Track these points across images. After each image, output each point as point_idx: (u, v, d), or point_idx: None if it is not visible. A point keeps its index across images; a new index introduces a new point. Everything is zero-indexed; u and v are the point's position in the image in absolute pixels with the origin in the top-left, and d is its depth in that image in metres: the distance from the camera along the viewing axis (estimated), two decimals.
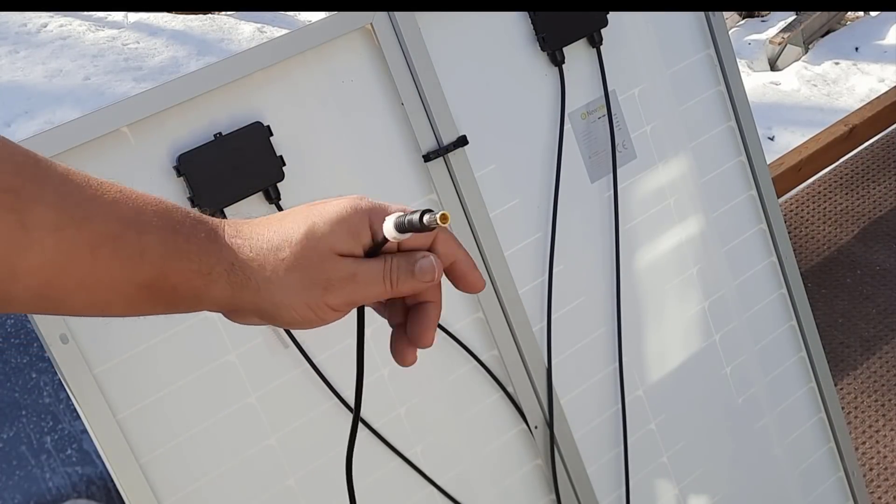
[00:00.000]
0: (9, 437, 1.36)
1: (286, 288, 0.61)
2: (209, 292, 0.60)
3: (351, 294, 0.62)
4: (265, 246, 0.61)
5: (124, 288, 0.58)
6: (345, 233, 0.61)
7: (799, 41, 3.98)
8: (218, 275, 0.60)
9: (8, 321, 1.40)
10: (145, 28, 4.36)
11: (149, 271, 0.58)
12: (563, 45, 1.26)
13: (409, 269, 0.63)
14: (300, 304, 0.61)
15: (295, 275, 0.60)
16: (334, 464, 1.14)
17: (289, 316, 0.62)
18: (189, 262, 0.59)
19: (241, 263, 0.60)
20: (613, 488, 1.35)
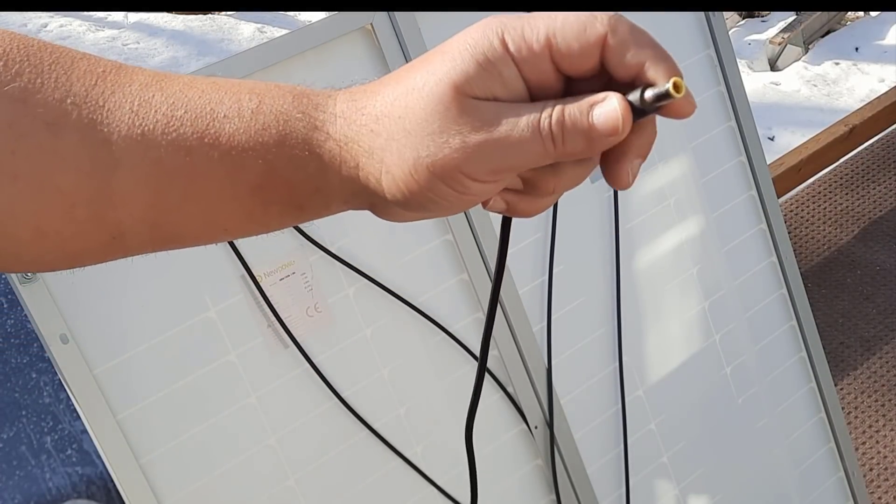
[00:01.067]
0: (9, 437, 1.36)
1: (406, 160, 0.45)
2: (326, 179, 0.49)
3: (493, 156, 0.44)
4: (377, 106, 0.46)
5: (238, 192, 0.48)
6: (465, 60, 0.43)
7: (799, 41, 3.98)
8: (330, 152, 0.47)
9: (8, 321, 1.40)
10: (145, 28, 4.36)
11: (259, 167, 0.47)
12: None
13: (582, 120, 0.43)
14: (431, 181, 0.45)
15: (414, 136, 0.44)
16: (334, 464, 1.14)
17: (423, 199, 0.46)
18: (300, 173, 0.48)
19: (354, 134, 0.46)
20: (613, 488, 1.35)
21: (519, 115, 0.43)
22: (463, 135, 0.43)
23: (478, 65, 0.43)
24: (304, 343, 1.10)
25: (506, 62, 0.43)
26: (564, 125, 0.43)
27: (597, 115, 0.43)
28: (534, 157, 0.44)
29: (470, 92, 0.43)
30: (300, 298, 1.11)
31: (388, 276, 1.15)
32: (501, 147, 0.43)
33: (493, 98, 0.43)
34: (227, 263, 1.06)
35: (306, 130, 0.47)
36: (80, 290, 0.99)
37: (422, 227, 1.18)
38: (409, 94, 0.44)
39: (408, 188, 0.46)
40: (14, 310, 1.40)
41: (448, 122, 0.43)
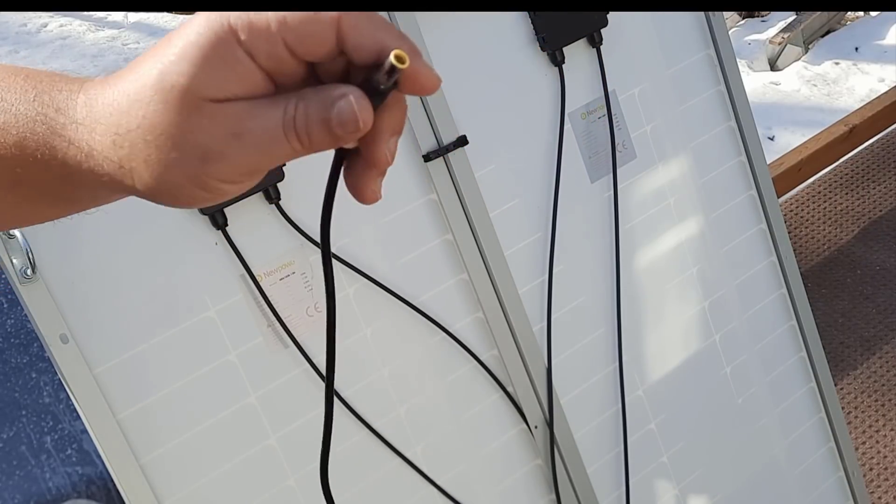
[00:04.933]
0: (9, 437, 1.36)
1: (154, 168, 0.43)
2: (82, 195, 0.47)
3: (242, 161, 0.43)
4: (120, 125, 0.43)
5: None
6: (203, 64, 0.41)
7: (799, 41, 3.98)
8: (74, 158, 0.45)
9: (8, 321, 1.40)
10: (145, 28, 4.36)
11: (5, 167, 0.45)
12: (563, 45, 1.26)
13: (324, 117, 0.42)
14: (184, 184, 0.43)
15: (155, 147, 0.42)
16: (334, 463, 1.14)
17: (184, 200, 0.45)
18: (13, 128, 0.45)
19: (96, 156, 0.44)
20: (613, 488, 1.35)
21: (263, 116, 0.42)
22: (207, 143, 0.42)
23: (207, 63, 0.41)
24: (304, 343, 1.10)
25: (237, 53, 0.41)
26: (309, 126, 0.42)
27: (336, 113, 0.42)
28: (285, 156, 0.44)
29: (206, 95, 0.41)
30: (300, 298, 1.11)
31: (388, 276, 1.15)
32: (248, 152, 0.42)
33: (232, 97, 0.42)
34: (227, 263, 1.06)
35: (46, 136, 0.45)
36: (80, 290, 0.99)
37: (422, 227, 1.18)
38: (143, 103, 0.42)
39: (164, 192, 0.44)
40: (14, 310, 1.40)
41: (188, 131, 0.42)
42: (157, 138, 0.42)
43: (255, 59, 0.42)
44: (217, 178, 0.43)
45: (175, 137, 0.42)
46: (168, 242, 1.03)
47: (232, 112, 0.42)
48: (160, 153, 0.42)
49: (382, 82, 0.42)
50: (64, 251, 0.98)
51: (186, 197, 0.44)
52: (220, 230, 1.05)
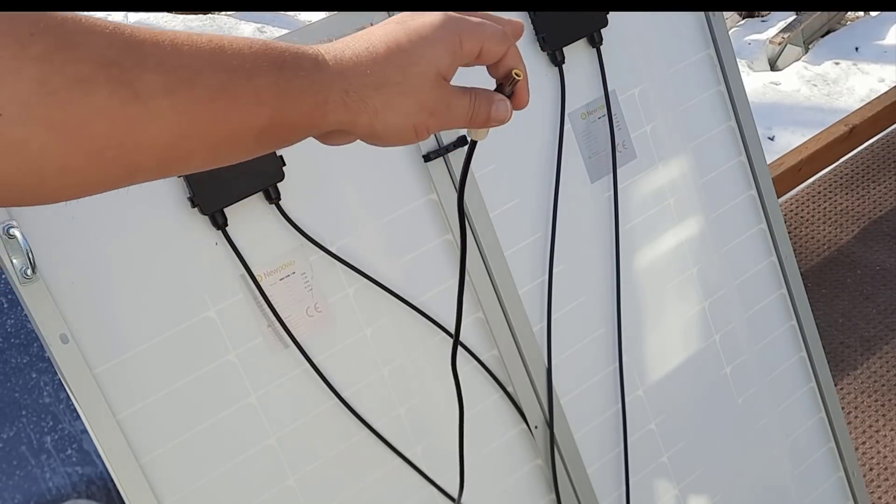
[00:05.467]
0: (9, 437, 1.36)
1: (401, 111, 0.63)
2: (326, 120, 0.61)
3: (444, 122, 0.66)
4: (377, 69, 0.62)
5: (245, 136, 0.58)
6: (446, 54, 0.64)
7: (799, 41, 3.98)
8: (334, 103, 0.60)
9: (8, 321, 1.40)
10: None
11: (267, 114, 0.58)
12: (563, 45, 1.26)
13: (488, 110, 0.68)
14: (409, 127, 0.64)
15: (410, 99, 0.63)
16: (334, 464, 1.14)
17: (396, 136, 0.65)
18: (305, 96, 0.59)
19: (356, 89, 0.61)
20: (613, 488, 1.35)
21: (460, 98, 0.67)
22: (435, 105, 0.65)
23: (451, 59, 0.65)
24: (304, 343, 1.10)
25: (461, 58, 0.66)
26: (479, 113, 0.68)
27: (494, 109, 0.69)
28: (459, 125, 0.68)
29: (445, 76, 0.65)
30: (300, 298, 1.11)
31: (388, 276, 1.15)
32: (450, 116, 0.67)
33: (447, 78, 0.65)
34: (227, 263, 1.06)
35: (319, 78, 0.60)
36: (80, 290, 0.99)
37: (422, 227, 1.18)
38: (406, 68, 0.63)
39: (393, 132, 0.64)
40: (14, 310, 1.40)
41: (432, 96, 0.64)
42: (410, 93, 0.63)
43: (465, 57, 0.66)
44: (428, 128, 0.65)
45: (424, 99, 0.64)
46: (168, 242, 1.03)
47: (449, 90, 0.66)
48: (409, 105, 0.63)
49: (507, 91, 0.70)
50: (64, 251, 0.98)
51: (405, 137, 0.65)
52: (220, 230, 1.05)
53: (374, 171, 1.15)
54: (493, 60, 0.68)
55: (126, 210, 1.01)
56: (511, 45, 0.68)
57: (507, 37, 0.68)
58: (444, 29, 0.64)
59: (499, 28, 0.68)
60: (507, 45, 0.68)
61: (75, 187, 0.54)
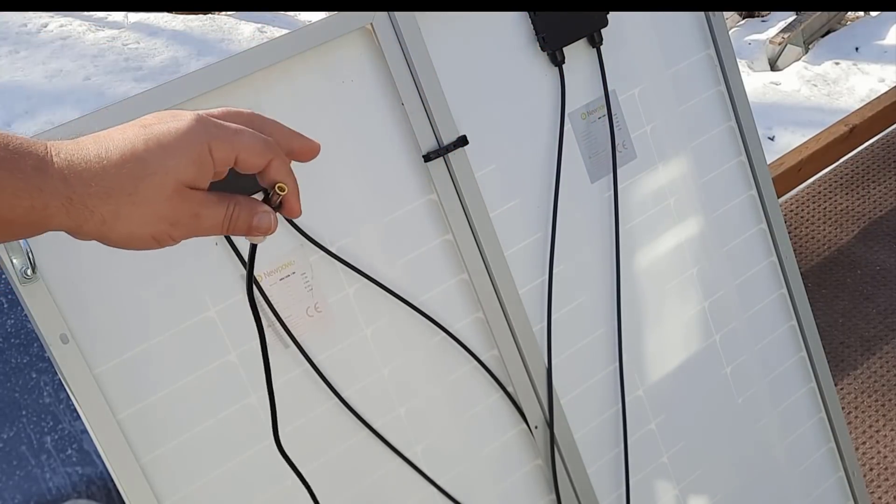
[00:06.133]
0: (9, 437, 1.36)
1: (134, 221, 0.62)
2: (48, 223, 0.60)
3: (192, 230, 0.65)
4: (105, 178, 0.60)
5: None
6: (191, 164, 0.62)
7: (799, 41, 3.98)
8: (55, 209, 0.59)
9: (8, 321, 1.40)
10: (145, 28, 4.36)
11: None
12: (563, 45, 1.26)
13: (248, 221, 0.67)
14: (146, 236, 0.63)
15: (143, 210, 0.61)
16: (334, 464, 1.14)
17: (133, 244, 0.64)
18: (19, 199, 0.58)
19: (80, 197, 0.59)
20: (613, 488, 1.35)
21: (214, 207, 0.65)
22: (178, 216, 0.63)
23: (196, 168, 0.63)
24: (304, 343, 1.10)
25: (210, 167, 0.64)
26: (238, 223, 0.66)
27: (257, 220, 0.67)
28: (213, 233, 0.66)
29: (191, 185, 0.63)
30: (300, 298, 1.11)
31: (388, 276, 1.15)
32: (199, 226, 0.65)
33: (197, 187, 0.63)
34: (227, 263, 1.07)
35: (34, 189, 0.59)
36: (80, 290, 0.99)
37: (422, 227, 1.18)
38: (139, 178, 0.61)
39: (126, 239, 0.63)
40: (14, 310, 1.40)
41: (171, 206, 0.62)
42: (145, 206, 0.61)
43: (215, 166, 0.64)
44: (171, 237, 0.64)
45: (160, 209, 0.62)
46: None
47: (198, 199, 0.64)
48: (145, 217, 0.62)
49: (273, 203, 0.68)
50: (64, 251, 0.98)
51: (142, 244, 0.64)
52: None
53: (374, 171, 1.15)
54: (253, 171, 0.66)
55: None
56: (274, 158, 0.66)
57: (270, 149, 0.66)
58: (190, 136, 0.62)
59: (260, 138, 0.65)
60: (268, 158, 0.66)
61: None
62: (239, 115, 0.67)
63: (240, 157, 0.65)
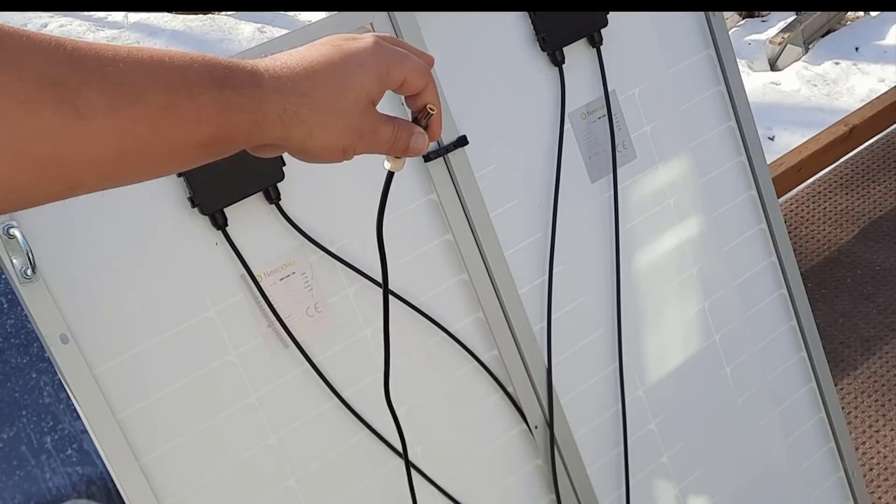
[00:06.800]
0: (9, 437, 1.36)
1: (334, 132, 0.65)
2: (263, 136, 0.62)
3: (369, 146, 0.69)
4: (314, 89, 0.64)
5: (186, 151, 0.59)
6: (376, 81, 0.67)
7: (799, 41, 3.98)
8: (272, 121, 0.62)
9: (8, 321, 1.40)
10: (145, 28, 4.36)
11: (207, 131, 0.59)
12: (563, 45, 1.26)
13: (408, 140, 0.71)
14: (339, 147, 0.67)
15: (342, 121, 0.65)
16: (334, 464, 1.14)
17: (326, 155, 0.67)
18: (245, 114, 0.60)
19: (293, 107, 0.63)
20: (613, 488, 1.35)
21: (385, 125, 0.69)
22: (363, 129, 0.67)
23: (379, 86, 0.68)
24: (304, 343, 1.10)
25: (386, 86, 0.69)
26: (399, 143, 0.70)
27: (413, 141, 0.71)
28: (382, 150, 0.71)
29: (374, 101, 0.68)
30: (300, 298, 1.11)
31: (388, 276, 1.15)
32: (375, 141, 0.69)
33: (376, 104, 0.68)
34: (227, 263, 1.07)
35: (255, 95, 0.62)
36: (80, 290, 0.99)
37: (422, 227, 1.18)
38: (341, 90, 0.65)
39: (321, 149, 0.66)
40: (14, 310, 1.40)
41: (361, 120, 0.67)
42: (342, 114, 0.65)
43: (389, 87, 0.69)
44: (355, 150, 0.68)
45: (355, 121, 0.66)
46: (168, 242, 1.03)
47: (377, 115, 0.69)
48: (342, 128, 0.66)
49: (423, 124, 0.73)
50: (64, 251, 0.98)
51: (333, 155, 0.67)
52: (220, 230, 1.05)
53: (374, 171, 1.14)
54: (414, 92, 0.71)
55: (126, 210, 1.01)
56: (430, 81, 0.71)
57: (428, 73, 0.71)
58: (376, 56, 0.67)
59: (421, 62, 0.71)
60: (428, 80, 0.71)
61: (16, 202, 0.55)
62: (391, 39, 0.72)
63: (408, 78, 0.69)
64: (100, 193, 0.99)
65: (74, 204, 0.98)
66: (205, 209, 1.03)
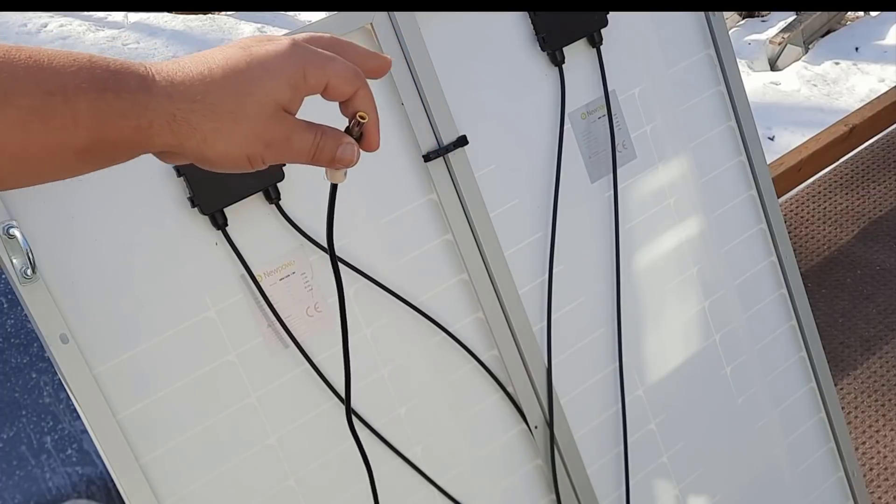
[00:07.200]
0: (9, 437, 1.36)
1: (233, 139, 0.61)
2: (152, 142, 0.60)
3: (282, 155, 0.65)
4: (209, 94, 0.60)
5: (62, 157, 0.57)
6: (287, 86, 0.63)
7: (799, 41, 3.98)
8: (160, 127, 0.59)
9: (8, 321, 1.40)
10: (145, 28, 4.36)
11: (85, 136, 0.57)
12: (563, 45, 1.26)
13: (333, 150, 0.66)
14: (241, 155, 0.63)
15: (243, 127, 0.61)
16: (334, 464, 1.14)
17: (228, 163, 0.63)
18: (126, 119, 0.58)
19: (184, 113, 0.60)
20: (613, 488, 1.35)
21: (304, 133, 0.64)
22: (273, 137, 0.63)
23: (292, 91, 0.63)
24: (304, 343, 1.10)
25: (303, 91, 0.64)
26: (323, 153, 0.66)
27: (340, 151, 0.66)
28: (301, 161, 0.66)
29: (286, 108, 0.63)
30: (300, 298, 1.11)
31: (388, 276, 1.15)
32: (289, 150, 0.65)
33: (290, 111, 0.64)
34: (227, 263, 1.06)
35: (140, 98, 0.59)
36: (80, 290, 0.99)
37: (422, 227, 1.18)
38: (242, 96, 0.61)
39: (222, 158, 0.62)
40: (14, 310, 1.40)
41: (267, 127, 0.62)
42: (244, 121, 0.61)
43: (308, 91, 0.64)
44: (263, 158, 0.64)
45: (259, 128, 0.62)
46: (168, 242, 1.03)
47: (291, 123, 0.64)
48: (244, 135, 0.62)
49: (355, 134, 0.68)
50: (64, 251, 0.98)
51: (236, 164, 0.63)
52: (220, 230, 1.05)
53: (374, 171, 1.15)
54: (340, 98, 0.66)
55: (126, 210, 1.01)
56: (361, 87, 0.66)
57: (358, 77, 0.66)
58: (289, 59, 0.63)
59: (350, 67, 0.66)
60: (357, 86, 0.66)
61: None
62: (321, 40, 0.67)
63: (331, 83, 0.65)
64: (100, 193, 0.99)
65: (74, 204, 0.98)
66: (205, 209, 1.03)
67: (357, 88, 0.66)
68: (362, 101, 0.67)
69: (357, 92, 0.66)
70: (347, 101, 0.67)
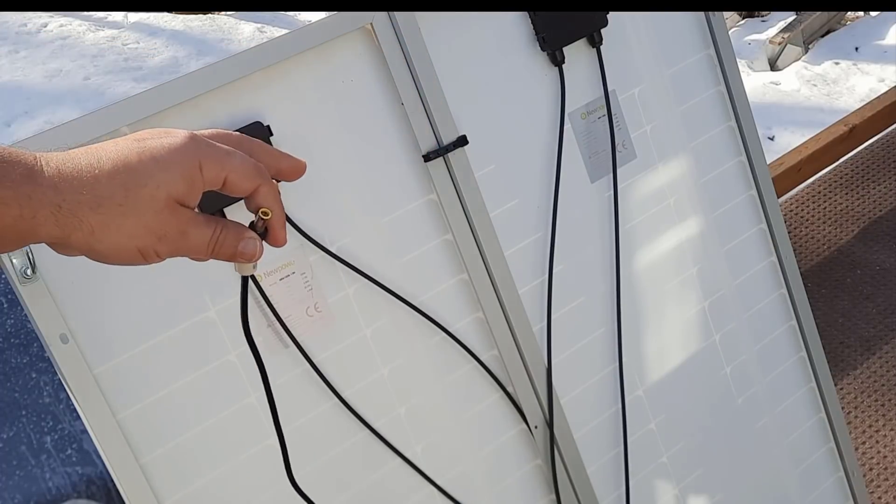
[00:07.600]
0: (9, 437, 1.36)
1: (122, 232, 0.61)
2: (36, 233, 0.59)
3: (177, 248, 0.64)
4: (97, 187, 0.60)
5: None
6: (181, 178, 0.62)
7: (799, 41, 3.98)
8: (44, 217, 0.59)
9: (8, 321, 1.40)
10: (145, 28, 4.36)
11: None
12: (563, 45, 1.26)
13: (234, 245, 0.66)
14: (132, 248, 0.62)
15: (132, 221, 0.61)
16: (334, 464, 1.14)
17: (118, 257, 0.63)
18: (8, 208, 0.57)
19: (70, 205, 0.59)
20: (613, 488, 1.35)
21: (201, 227, 0.64)
22: (166, 231, 0.63)
23: (187, 185, 0.62)
24: (304, 343, 1.10)
25: (199, 186, 0.64)
26: (223, 247, 0.66)
27: (242, 246, 0.67)
28: (198, 254, 0.66)
29: (181, 201, 0.63)
30: (300, 298, 1.11)
31: (388, 276, 1.15)
32: (185, 244, 0.64)
33: (186, 204, 0.63)
34: (226, 263, 1.06)
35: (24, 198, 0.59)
36: (80, 290, 0.99)
37: (422, 227, 1.18)
38: (131, 189, 0.61)
39: (112, 252, 0.62)
40: (14, 310, 1.40)
41: (158, 220, 0.62)
42: (135, 217, 0.61)
43: (205, 183, 0.64)
44: (157, 252, 0.63)
45: (150, 222, 0.61)
46: None
47: (186, 217, 0.63)
48: (133, 228, 0.61)
49: (258, 229, 0.68)
50: None
51: (127, 257, 0.63)
52: None
53: (374, 171, 1.15)
54: (241, 194, 0.66)
55: None
56: (263, 183, 0.66)
57: (259, 173, 0.66)
58: (184, 152, 0.63)
59: (251, 162, 0.65)
60: (257, 183, 0.66)
61: None
62: (228, 137, 0.67)
63: (229, 178, 0.65)
64: None
65: None
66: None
67: (258, 185, 0.66)
68: (265, 198, 0.67)
69: (258, 188, 0.66)
70: (250, 196, 0.67)
